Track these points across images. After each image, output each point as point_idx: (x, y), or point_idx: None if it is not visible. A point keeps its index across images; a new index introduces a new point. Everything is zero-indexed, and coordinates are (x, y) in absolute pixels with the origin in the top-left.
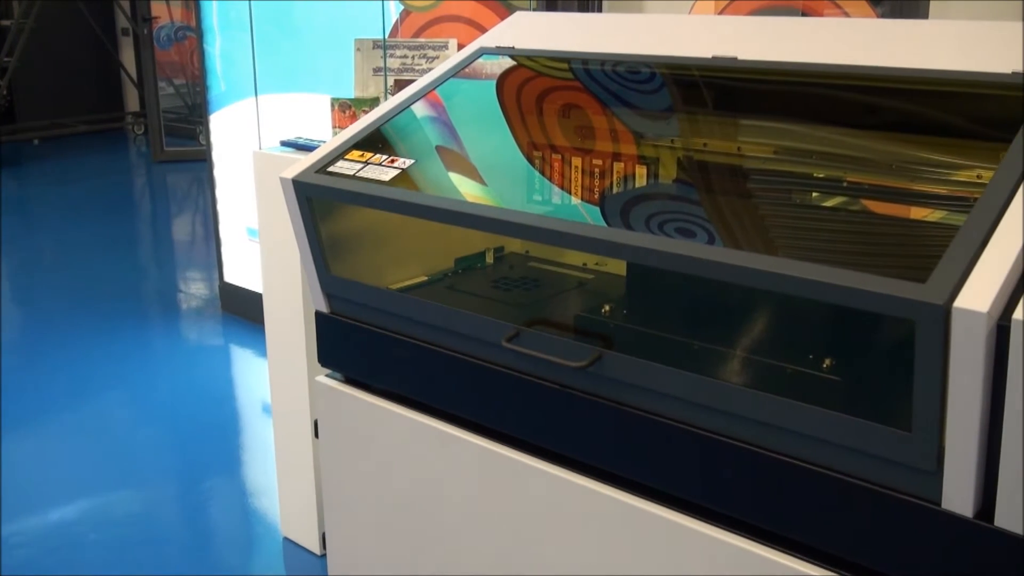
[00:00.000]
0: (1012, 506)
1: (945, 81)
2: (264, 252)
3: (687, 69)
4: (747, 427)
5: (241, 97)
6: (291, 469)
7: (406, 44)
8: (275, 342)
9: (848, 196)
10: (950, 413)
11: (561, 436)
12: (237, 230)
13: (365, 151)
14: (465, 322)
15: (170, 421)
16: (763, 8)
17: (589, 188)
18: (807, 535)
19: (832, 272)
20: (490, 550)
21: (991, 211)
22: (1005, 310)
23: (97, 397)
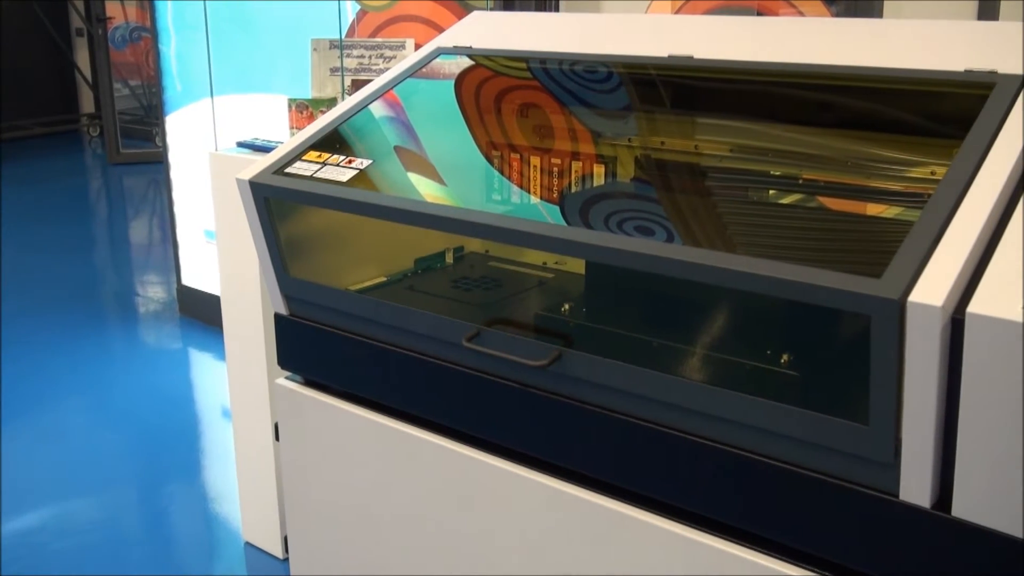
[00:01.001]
0: (969, 496)
1: (899, 79)
2: (222, 254)
3: (644, 68)
4: (707, 423)
5: (197, 98)
6: (252, 473)
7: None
8: (234, 345)
9: (804, 193)
10: (906, 406)
11: (522, 435)
12: (195, 232)
13: (322, 152)
14: (425, 322)
15: (129, 426)
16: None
17: (548, 187)
18: (767, 529)
19: (789, 268)
20: (453, 550)
21: (945, 207)
22: (959, 304)
23: (55, 403)
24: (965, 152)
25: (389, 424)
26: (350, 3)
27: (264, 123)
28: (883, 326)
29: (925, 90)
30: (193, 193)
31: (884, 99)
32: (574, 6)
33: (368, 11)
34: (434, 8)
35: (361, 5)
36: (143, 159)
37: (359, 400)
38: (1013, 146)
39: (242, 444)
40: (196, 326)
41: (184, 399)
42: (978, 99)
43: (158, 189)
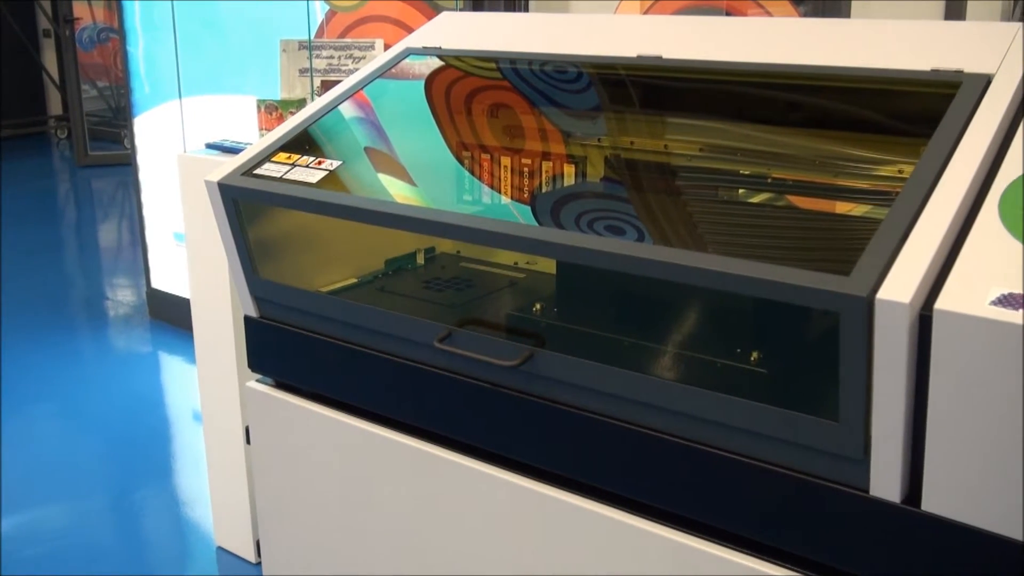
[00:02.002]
0: (938, 491)
1: (867, 79)
2: (191, 257)
3: (613, 68)
4: (678, 421)
5: (166, 99)
6: (223, 477)
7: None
8: (204, 348)
9: (774, 192)
10: (876, 402)
11: (494, 435)
12: (164, 235)
13: (292, 153)
14: (397, 323)
15: (100, 431)
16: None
17: (519, 187)
18: (739, 526)
19: (758, 267)
20: (426, 551)
21: (912, 205)
22: (927, 300)
23: (25, 409)
24: (932, 150)
25: (360, 426)
26: (319, 4)
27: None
28: (852, 323)
29: (892, 89)
30: (162, 195)
31: (852, 98)
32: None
33: (337, 12)
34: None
35: (330, 6)
36: (112, 161)
37: (330, 402)
38: (979, 144)
39: (213, 448)
40: (166, 329)
41: (154, 403)
42: (945, 98)
43: (127, 191)
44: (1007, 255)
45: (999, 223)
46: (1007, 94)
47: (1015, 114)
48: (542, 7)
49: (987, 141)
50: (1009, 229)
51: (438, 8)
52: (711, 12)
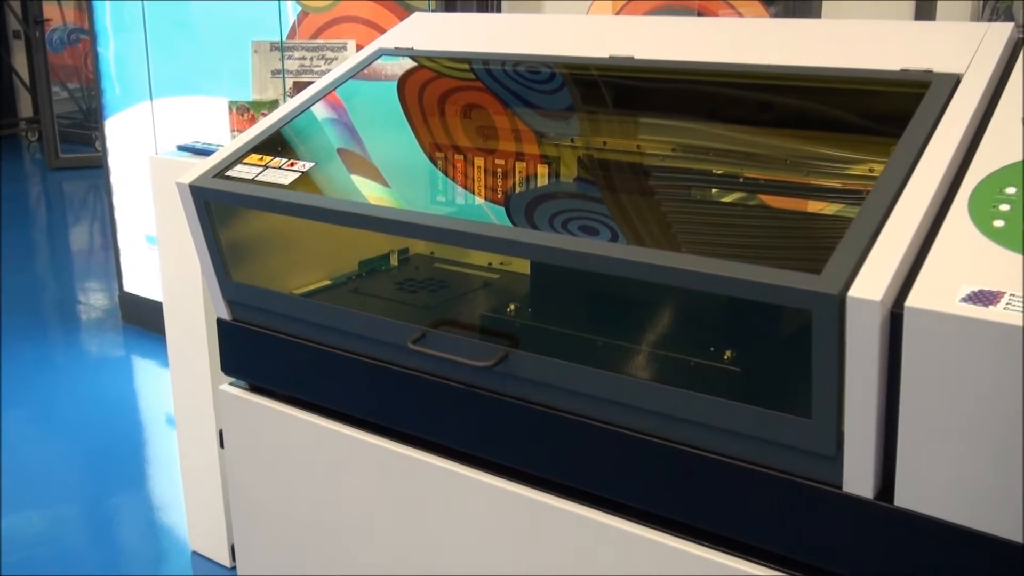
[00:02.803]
0: (911, 486)
1: (837, 79)
2: (163, 260)
3: (586, 69)
4: (653, 421)
5: (137, 101)
6: (197, 481)
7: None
8: (177, 351)
9: (746, 191)
10: (848, 399)
11: (469, 436)
12: (136, 238)
13: (264, 155)
14: (370, 325)
15: (73, 437)
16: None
17: (492, 188)
18: (714, 524)
19: (730, 266)
20: (401, 554)
21: (883, 203)
22: (898, 298)
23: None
24: (902, 149)
25: (335, 428)
26: (291, 5)
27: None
28: (823, 321)
29: (863, 89)
30: (134, 198)
31: (823, 98)
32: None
33: (309, 12)
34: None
35: (302, 6)
36: (83, 164)
37: (304, 404)
38: (949, 143)
39: (187, 452)
40: (139, 333)
41: (128, 408)
42: (914, 97)
43: (98, 194)
44: (977, 252)
45: (969, 221)
46: (976, 93)
47: (984, 113)
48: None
49: (956, 140)
50: (979, 227)
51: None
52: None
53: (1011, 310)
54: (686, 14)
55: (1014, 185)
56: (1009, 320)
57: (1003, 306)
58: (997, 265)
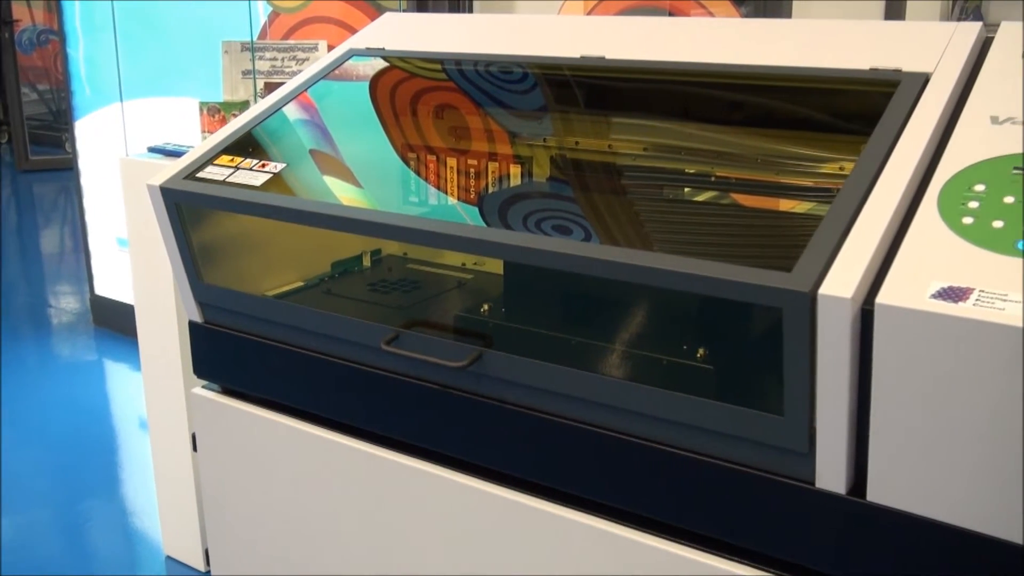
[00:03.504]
0: (883, 481)
1: (808, 78)
2: (135, 262)
3: (557, 69)
4: (627, 419)
5: (108, 102)
6: (171, 485)
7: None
8: (149, 355)
9: (718, 190)
10: (820, 396)
11: (444, 437)
12: (107, 240)
13: (235, 156)
14: (343, 326)
15: (44, 442)
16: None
17: (465, 188)
18: (688, 521)
19: (703, 264)
20: (377, 555)
21: (853, 201)
22: (868, 295)
23: None
24: (872, 148)
25: (309, 430)
26: (262, 5)
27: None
28: (795, 318)
29: (833, 88)
30: (105, 200)
31: (794, 97)
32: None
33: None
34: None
35: (273, 6)
36: (53, 166)
37: (278, 407)
38: (918, 141)
39: (160, 456)
40: (111, 337)
41: (100, 412)
42: (884, 96)
43: (69, 196)
44: (946, 249)
45: (938, 218)
46: (945, 92)
47: (953, 111)
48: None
49: (926, 138)
50: (948, 224)
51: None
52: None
53: (981, 306)
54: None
55: (983, 182)
56: (979, 316)
57: (973, 302)
58: (967, 262)
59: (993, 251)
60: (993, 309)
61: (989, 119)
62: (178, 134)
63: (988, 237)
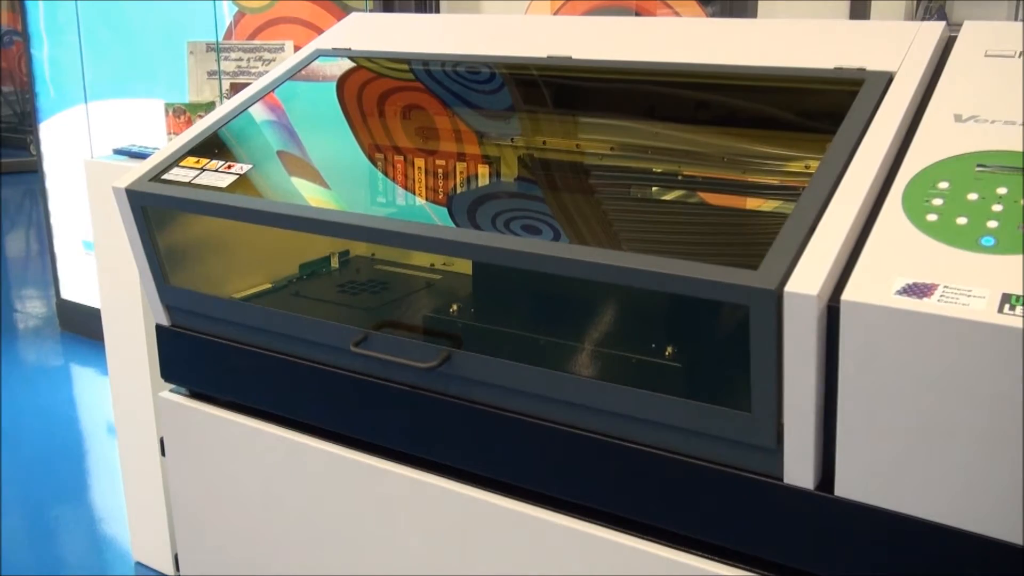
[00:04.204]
0: (850, 476)
1: (773, 77)
2: (101, 265)
3: (524, 69)
4: (596, 418)
5: (72, 104)
6: (140, 490)
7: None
8: (116, 359)
9: (685, 189)
10: (787, 392)
11: (414, 438)
12: (73, 244)
13: (201, 157)
14: (312, 328)
15: (11, 448)
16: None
17: (433, 189)
18: (658, 518)
19: (670, 263)
20: (349, 557)
21: (818, 199)
22: (834, 292)
23: None
24: (837, 146)
25: (278, 433)
26: (227, 5)
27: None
28: (761, 316)
29: (798, 87)
30: (70, 203)
31: (759, 96)
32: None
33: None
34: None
35: (239, 7)
36: (17, 168)
37: (246, 410)
38: (882, 139)
39: (128, 461)
40: (78, 341)
41: (67, 417)
42: (849, 95)
43: (34, 199)
44: (911, 246)
45: (903, 215)
46: (908, 90)
47: (916, 110)
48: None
49: (890, 136)
50: (912, 221)
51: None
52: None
53: (945, 302)
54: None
55: (946, 180)
56: (943, 312)
57: (937, 298)
58: (931, 258)
59: (957, 247)
60: (957, 305)
61: (952, 117)
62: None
63: (952, 234)
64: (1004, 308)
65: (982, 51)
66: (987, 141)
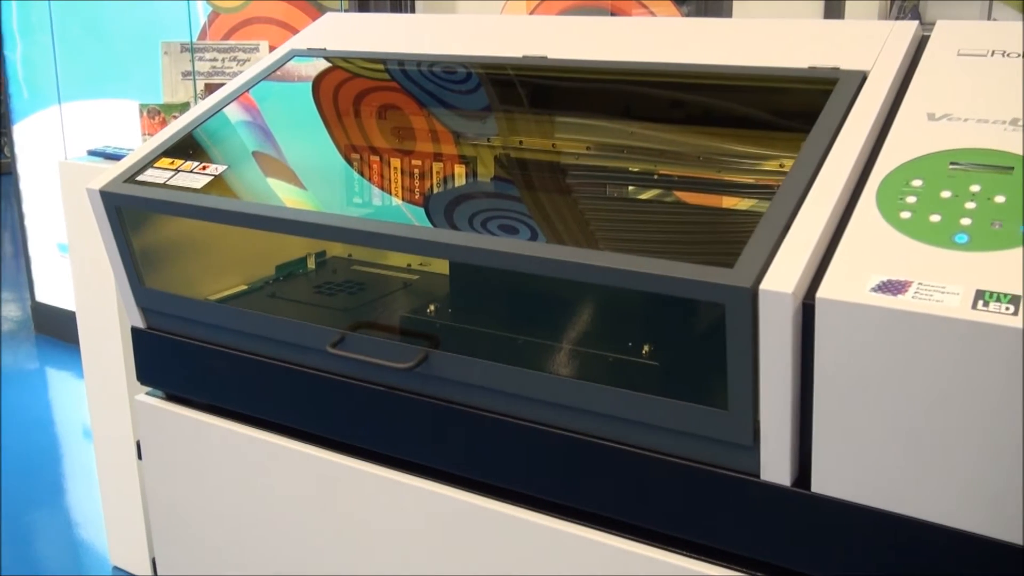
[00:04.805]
0: (826, 473)
1: (748, 77)
2: (75, 268)
3: (500, 69)
4: (574, 417)
5: (46, 105)
6: (117, 494)
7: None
8: (92, 362)
9: (661, 188)
10: (763, 390)
11: (392, 439)
12: (48, 246)
13: (176, 158)
14: (288, 330)
15: None
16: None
17: (410, 189)
18: (637, 516)
19: (646, 262)
20: (328, 559)
21: (793, 197)
22: (809, 289)
23: None
24: (811, 145)
25: (256, 435)
26: (201, 5)
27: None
28: (737, 314)
29: (773, 87)
30: (45, 205)
31: (734, 96)
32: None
33: (220, 13)
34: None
35: (213, 7)
36: None
37: (223, 412)
38: (856, 138)
39: (105, 465)
40: (53, 344)
41: (43, 421)
42: (823, 94)
43: (8, 202)
44: (885, 243)
45: (877, 213)
46: (882, 89)
47: (890, 109)
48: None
49: (864, 135)
50: (887, 218)
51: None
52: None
53: (919, 299)
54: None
55: (920, 178)
56: (918, 308)
57: (911, 295)
58: (905, 255)
59: (931, 244)
60: (931, 301)
61: (926, 116)
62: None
63: (926, 231)
64: (978, 304)
65: (955, 50)
66: (960, 139)
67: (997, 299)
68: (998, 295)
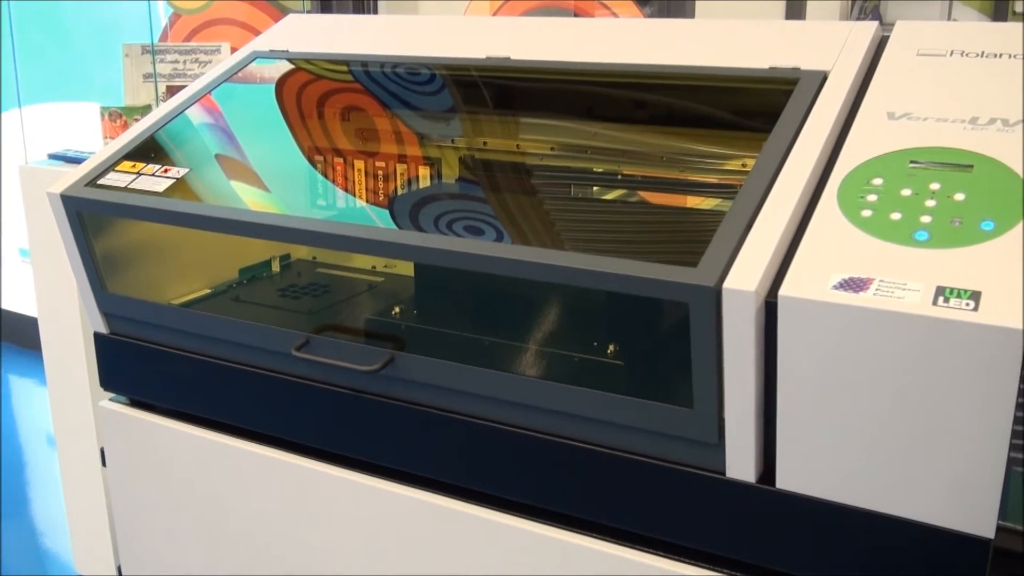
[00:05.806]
0: (791, 469)
1: (710, 77)
2: (37, 273)
3: (464, 70)
4: (541, 417)
5: (5, 108)
6: (81, 502)
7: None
8: (54, 368)
9: (625, 188)
10: (727, 387)
11: (358, 441)
12: (9, 251)
13: (137, 161)
14: (252, 333)
15: None
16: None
17: (374, 191)
18: (603, 515)
19: (610, 262)
20: (294, 563)
21: (755, 196)
22: (772, 288)
23: None
24: (772, 145)
25: (221, 440)
26: (162, 6)
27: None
28: (701, 312)
29: (734, 87)
30: (6, 210)
31: (696, 96)
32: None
33: (181, 14)
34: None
35: (174, 8)
36: None
37: (188, 418)
38: (817, 137)
39: (69, 472)
40: (15, 351)
41: (6, 429)
42: (783, 94)
43: None
44: (847, 241)
45: (838, 211)
46: (843, 89)
47: (850, 108)
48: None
49: (824, 134)
50: (848, 217)
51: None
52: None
53: (880, 296)
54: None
55: (880, 176)
56: (879, 305)
57: (873, 292)
58: (866, 253)
59: (891, 242)
60: (892, 298)
61: (886, 115)
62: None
63: (886, 229)
64: (938, 301)
65: (914, 50)
66: (920, 138)
67: (957, 295)
68: (958, 291)
